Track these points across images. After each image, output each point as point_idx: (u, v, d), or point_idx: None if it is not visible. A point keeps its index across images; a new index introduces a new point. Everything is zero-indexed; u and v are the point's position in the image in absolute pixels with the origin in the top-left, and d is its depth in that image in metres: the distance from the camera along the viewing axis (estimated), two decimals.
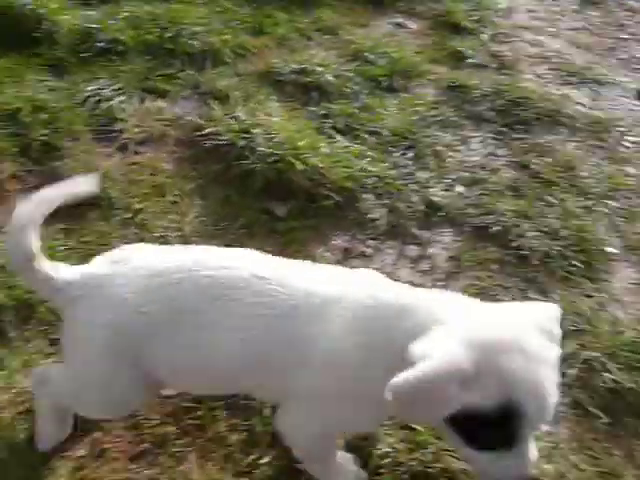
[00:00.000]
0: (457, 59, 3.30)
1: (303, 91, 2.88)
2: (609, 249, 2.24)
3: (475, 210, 2.31)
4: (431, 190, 2.38)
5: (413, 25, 3.62)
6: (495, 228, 2.22)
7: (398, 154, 2.54)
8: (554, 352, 1.06)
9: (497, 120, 2.83)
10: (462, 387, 0.99)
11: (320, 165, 2.31)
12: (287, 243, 2.12)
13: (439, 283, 2.02)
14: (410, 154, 2.55)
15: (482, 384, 0.99)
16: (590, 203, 2.42)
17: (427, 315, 1.10)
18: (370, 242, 2.18)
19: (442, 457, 1.49)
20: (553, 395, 1.03)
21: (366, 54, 3.17)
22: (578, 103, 3.09)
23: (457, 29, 3.55)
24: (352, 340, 1.16)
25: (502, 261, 2.13)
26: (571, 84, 3.26)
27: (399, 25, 3.63)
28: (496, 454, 1.06)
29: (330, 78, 2.90)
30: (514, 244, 2.17)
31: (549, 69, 3.36)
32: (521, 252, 2.15)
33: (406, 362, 1.01)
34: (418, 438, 1.52)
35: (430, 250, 2.17)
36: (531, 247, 2.16)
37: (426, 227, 2.25)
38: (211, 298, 1.22)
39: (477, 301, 1.17)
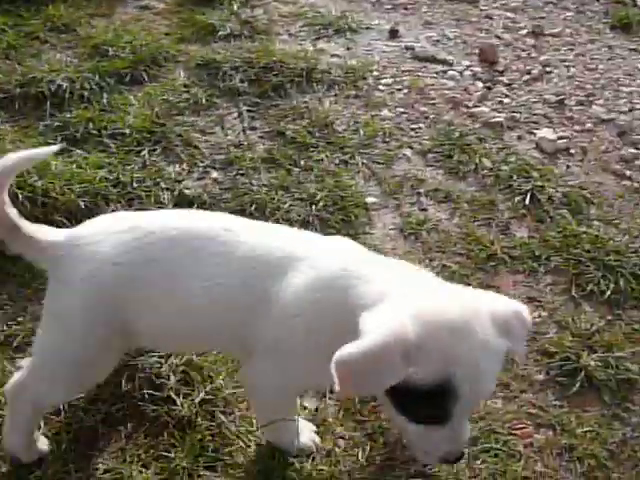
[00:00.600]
0: (208, 33, 3.14)
1: (35, 104, 2.58)
2: (369, 199, 2.24)
3: (230, 194, 2.20)
4: (183, 183, 2.23)
5: (160, 5, 3.39)
6: (252, 207, 2.14)
7: (145, 152, 2.35)
8: (501, 344, 1.09)
9: (251, 91, 2.73)
10: (404, 360, 1.01)
11: (50, 187, 2.08)
12: (23, 284, 1.88)
13: None
14: (159, 149, 2.38)
15: (424, 360, 1.02)
16: (347, 157, 2.41)
17: (383, 287, 1.14)
18: None
19: None
20: (489, 383, 1.10)
21: (106, 47, 2.90)
22: (333, 55, 3.07)
23: (206, 1, 3.38)
24: (310, 298, 1.21)
25: None
26: (327, 37, 3.23)
27: (145, 7, 3.38)
28: (428, 428, 1.11)
29: (64, 83, 2.62)
30: (272, 219, 2.10)
31: (304, 25, 3.30)
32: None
33: (355, 330, 1.06)
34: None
35: None
36: (289, 218, 2.10)
37: None
38: (182, 248, 1.29)
39: (440, 281, 1.23)
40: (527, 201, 2.26)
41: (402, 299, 1.09)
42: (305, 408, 1.59)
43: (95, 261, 1.30)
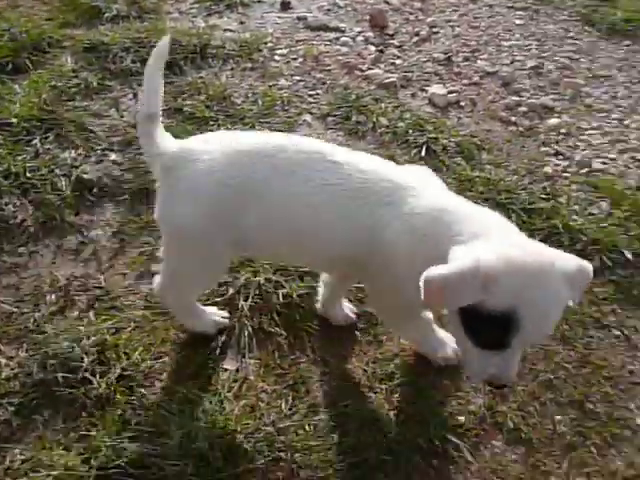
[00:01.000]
0: (93, 16, 3.04)
1: None
2: None
3: (132, 174, 2.16)
4: (81, 168, 2.16)
5: None
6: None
7: (37, 140, 2.25)
8: (567, 295, 1.21)
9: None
10: (482, 288, 1.15)
11: None
12: None
13: (106, 265, 1.87)
14: (51, 136, 2.29)
15: (498, 292, 1.15)
16: (248, 127, 2.41)
17: (477, 229, 1.27)
18: (22, 249, 1.92)
19: None
20: (549, 326, 1.22)
21: None
22: (227, 30, 3.05)
23: None
24: (415, 227, 1.34)
25: None
26: (218, 12, 3.21)
27: None
28: (485, 352, 1.24)
29: None
30: None
31: (194, 3, 3.26)
32: None
33: (444, 257, 1.21)
34: None
35: (92, 233, 1.98)
36: None
37: (84, 210, 2.05)
38: (289, 177, 1.39)
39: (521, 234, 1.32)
40: (423, 153, 2.36)
41: (489, 241, 1.22)
42: (226, 370, 1.61)
43: (216, 175, 1.39)
